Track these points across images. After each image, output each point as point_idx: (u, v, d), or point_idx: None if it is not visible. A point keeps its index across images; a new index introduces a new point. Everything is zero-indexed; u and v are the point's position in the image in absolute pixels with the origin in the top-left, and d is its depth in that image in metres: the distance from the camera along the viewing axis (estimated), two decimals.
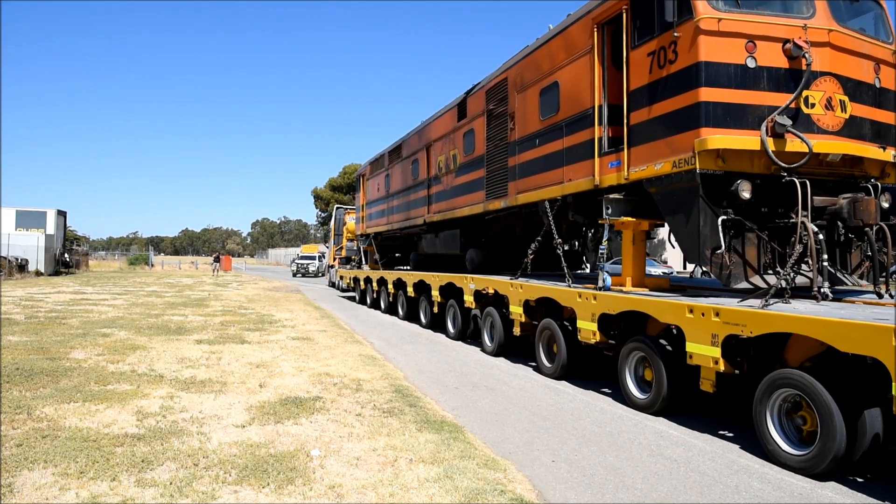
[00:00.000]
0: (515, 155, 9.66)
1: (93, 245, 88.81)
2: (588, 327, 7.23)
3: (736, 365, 5.40)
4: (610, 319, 7.04)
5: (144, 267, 54.38)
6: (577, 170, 7.97)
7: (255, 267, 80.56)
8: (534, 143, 9.06)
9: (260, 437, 5.17)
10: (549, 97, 8.67)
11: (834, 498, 4.27)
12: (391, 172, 17.04)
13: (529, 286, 8.79)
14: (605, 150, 7.47)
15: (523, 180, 9.43)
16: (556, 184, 8.48)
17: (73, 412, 5.77)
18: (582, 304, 7.38)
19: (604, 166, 7.45)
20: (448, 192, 12.74)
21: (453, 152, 12.43)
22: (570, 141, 8.13)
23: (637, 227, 7.46)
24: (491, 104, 10.58)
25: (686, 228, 6.27)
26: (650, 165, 6.63)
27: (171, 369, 7.96)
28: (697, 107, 6.03)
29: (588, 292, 7.30)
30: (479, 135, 11.13)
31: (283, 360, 8.91)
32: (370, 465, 4.60)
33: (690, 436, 5.67)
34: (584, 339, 7.37)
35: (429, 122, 14.16)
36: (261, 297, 22.45)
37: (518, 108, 9.58)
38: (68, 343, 9.79)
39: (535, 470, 4.73)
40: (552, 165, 8.58)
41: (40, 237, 34.36)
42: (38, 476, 4.18)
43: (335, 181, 68.50)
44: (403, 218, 15.87)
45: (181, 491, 3.98)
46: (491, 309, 10.13)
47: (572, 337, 7.74)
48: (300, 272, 46.63)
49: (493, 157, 10.50)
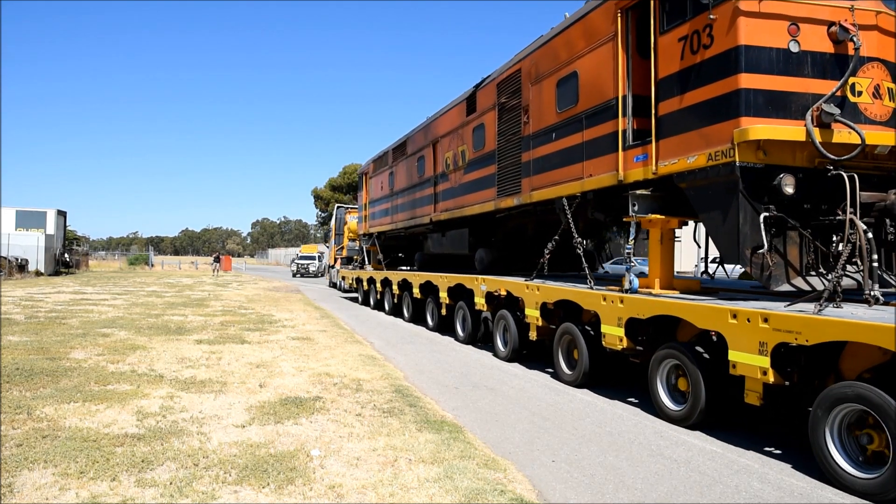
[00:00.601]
0: (530, 150, 9.22)
1: (93, 245, 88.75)
2: (614, 332, 6.78)
3: (786, 376, 4.92)
4: (638, 324, 6.61)
5: (144, 267, 54.38)
6: (599, 164, 7.52)
7: (255, 267, 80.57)
8: (550, 137, 8.62)
9: (260, 437, 5.17)
10: (566, 88, 8.21)
11: (834, 498, 4.27)
12: (395, 170, 16.61)
13: (547, 288, 8.32)
14: (630, 144, 7.02)
15: (538, 176, 8.99)
16: (574, 180, 8.03)
17: (73, 412, 5.76)
18: (607, 308, 6.91)
19: (628, 160, 7.01)
20: (456, 189, 12.33)
21: (462, 148, 11.99)
22: (591, 134, 7.69)
23: (665, 225, 7.00)
24: (503, 97, 10.14)
25: (723, 227, 5.85)
26: (682, 159, 6.19)
27: (171, 369, 7.96)
28: (737, 94, 5.59)
29: (614, 294, 6.86)
30: (489, 129, 10.69)
31: (283, 360, 8.91)
32: (370, 465, 4.60)
33: (690, 436, 5.67)
34: (610, 346, 6.91)
35: (435, 118, 13.70)
36: (261, 297, 22.44)
37: (533, 101, 9.14)
38: (68, 343, 9.79)
39: (535, 470, 4.73)
40: (570, 160, 8.13)
41: (40, 237, 34.37)
42: (38, 476, 4.18)
43: (335, 181, 68.48)
44: (408, 217, 15.43)
45: (181, 491, 3.98)
46: (504, 312, 9.67)
47: (595, 342, 7.29)
48: (300, 272, 46.39)
49: (505, 153, 10.06)
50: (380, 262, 18.71)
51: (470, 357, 9.98)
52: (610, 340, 6.88)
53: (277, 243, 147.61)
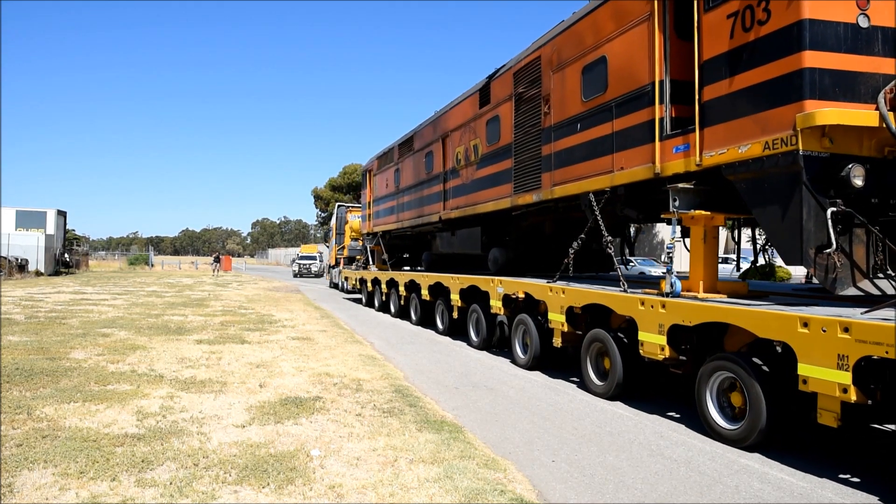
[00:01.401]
0: (551, 142, 8.61)
1: (93, 245, 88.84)
2: (654, 340, 6.18)
3: (869, 394, 4.36)
4: (682, 332, 6.03)
5: (144, 267, 54.38)
6: (632, 156, 6.96)
7: (255, 267, 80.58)
8: (574, 129, 8.03)
9: (260, 437, 5.17)
10: (593, 75, 7.63)
11: (834, 498, 4.26)
12: (401, 166, 15.98)
13: (574, 290, 7.67)
14: (669, 133, 6.46)
15: (561, 170, 8.38)
16: (603, 173, 7.46)
17: (73, 412, 5.76)
18: (646, 314, 6.32)
19: (666, 151, 6.47)
20: (468, 186, 11.71)
21: (474, 142, 11.37)
22: (622, 124, 7.11)
23: (709, 222, 6.39)
24: (520, 87, 9.56)
25: (782, 223, 5.27)
26: (731, 148, 5.64)
27: (171, 369, 7.96)
28: (800, 75, 5.02)
29: (654, 299, 6.27)
30: (505, 122, 10.10)
31: (283, 360, 8.91)
32: (370, 465, 4.60)
33: (690, 436, 5.67)
34: (649, 355, 6.30)
35: (445, 111, 13.04)
36: (261, 297, 22.44)
37: (554, 90, 8.54)
38: (68, 343, 9.79)
39: (535, 470, 4.73)
40: (598, 152, 7.54)
41: (40, 237, 34.38)
42: (38, 476, 4.18)
43: (335, 181, 68.49)
44: (415, 215, 14.83)
45: (181, 491, 3.98)
46: (524, 316, 9.00)
47: (631, 351, 6.71)
48: (302, 273, 45.87)
49: (523, 146, 9.47)
50: (385, 262, 18.19)
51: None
52: (649, 349, 6.28)
53: (277, 243, 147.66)
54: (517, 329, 9.25)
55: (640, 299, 6.47)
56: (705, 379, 5.65)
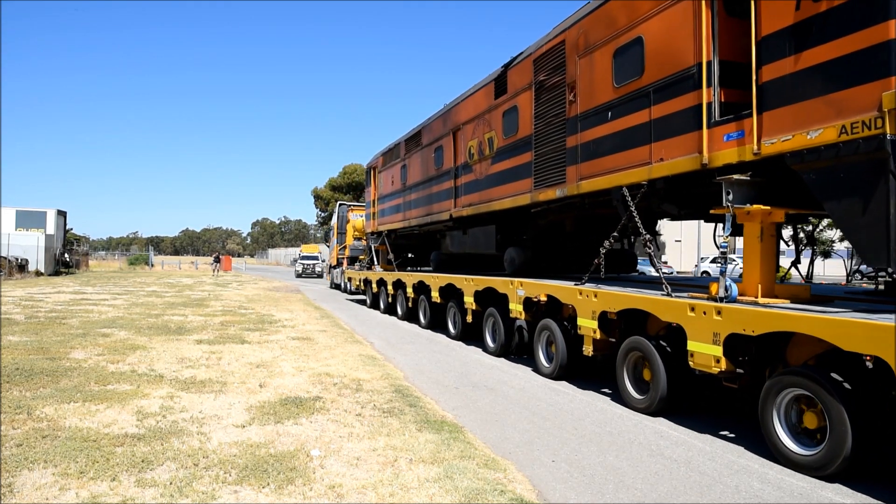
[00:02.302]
0: (577, 133, 7.96)
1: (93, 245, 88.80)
2: (708, 351, 5.51)
3: None
4: (741, 342, 5.40)
5: (144, 267, 54.39)
6: (673, 146, 6.36)
7: (255, 267, 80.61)
8: (605, 117, 7.42)
9: (260, 437, 5.17)
10: (627, 58, 7.02)
11: (834, 498, 4.27)
12: (409, 162, 15.28)
13: (609, 294, 7.02)
14: (718, 119, 5.87)
15: (589, 163, 7.74)
16: (639, 165, 6.83)
17: (73, 412, 5.76)
18: (697, 321, 5.66)
19: (715, 139, 5.86)
20: (482, 181, 11.05)
21: (489, 135, 10.70)
22: (662, 110, 6.51)
23: (767, 217, 5.78)
24: (541, 74, 8.89)
25: (863, 218, 4.71)
26: (798, 134, 5.05)
27: (171, 369, 7.96)
28: (886, 47, 4.41)
29: (706, 304, 5.61)
30: (524, 112, 9.42)
31: (283, 360, 8.91)
32: (370, 465, 4.60)
33: (690, 436, 5.67)
34: (701, 367, 5.62)
35: (456, 103, 12.34)
36: (261, 297, 22.44)
37: (581, 76, 7.90)
38: (68, 343, 9.79)
39: (535, 470, 4.73)
40: (633, 143, 6.93)
41: (40, 237, 34.39)
42: (38, 476, 4.18)
43: (335, 181, 68.50)
44: (424, 213, 14.13)
45: (181, 491, 3.98)
46: (549, 322, 8.31)
47: (676, 362, 6.15)
48: (306, 273, 45.14)
49: (545, 138, 8.82)
50: (390, 263, 17.53)
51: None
52: (702, 361, 5.60)
53: (277, 243, 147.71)
54: (540, 335, 8.60)
55: (690, 304, 5.80)
56: (772, 396, 4.98)
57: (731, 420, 6.16)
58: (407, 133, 15.63)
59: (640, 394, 6.61)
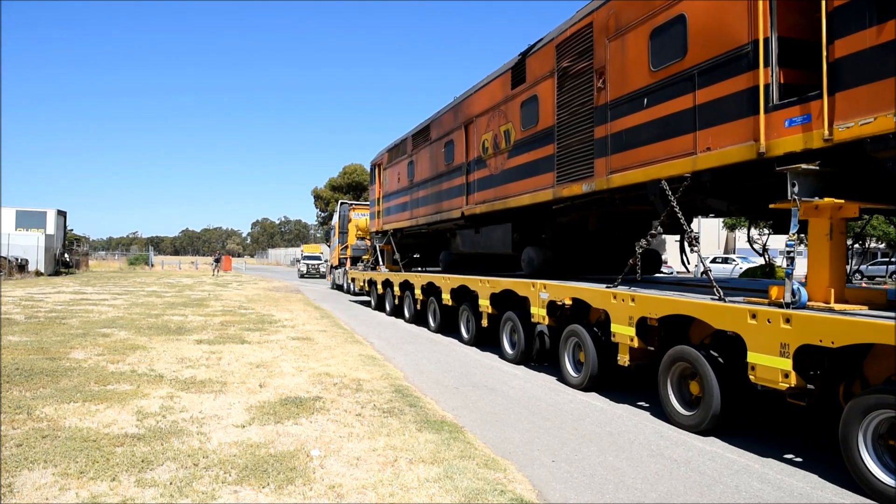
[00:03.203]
0: (607, 122, 7.40)
1: (93, 245, 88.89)
2: (774, 364, 4.84)
3: None
4: (813, 354, 4.77)
5: (144, 267, 54.39)
6: (723, 134, 5.77)
7: (255, 267, 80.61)
8: (639, 104, 6.84)
9: (260, 437, 5.17)
10: (667, 38, 6.46)
11: (834, 498, 4.26)
12: (416, 158, 14.65)
13: (648, 298, 6.36)
14: (777, 103, 5.27)
15: (621, 155, 7.15)
16: (681, 156, 6.24)
17: (73, 412, 5.77)
18: (760, 330, 4.98)
19: (775, 125, 5.27)
20: (497, 177, 10.45)
21: (505, 127, 10.13)
22: (709, 94, 5.93)
23: (837, 213, 5.13)
24: (565, 61, 8.31)
25: None
26: (882, 116, 4.47)
27: (171, 369, 7.96)
28: None
29: (771, 311, 4.94)
30: (545, 102, 8.85)
31: (283, 360, 8.91)
32: (370, 465, 4.60)
33: (690, 436, 5.67)
34: (765, 383, 4.92)
35: (468, 95, 11.72)
36: (261, 297, 22.44)
37: (612, 60, 7.34)
38: (68, 343, 9.79)
39: (535, 470, 4.73)
40: (674, 131, 6.34)
41: (40, 237, 34.40)
42: (38, 476, 4.18)
43: (335, 181, 68.59)
44: (433, 211, 13.53)
45: (181, 491, 3.98)
46: (577, 328, 7.67)
47: (732, 375, 5.49)
48: (310, 273, 44.20)
49: (569, 129, 8.24)
50: (396, 263, 16.94)
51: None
52: (765, 375, 4.91)
53: (277, 243, 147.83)
54: (567, 343, 7.92)
55: (750, 311, 5.14)
56: (857, 418, 4.29)
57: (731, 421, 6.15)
58: (414, 128, 15.08)
59: (688, 409, 5.93)
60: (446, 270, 14.21)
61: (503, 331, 9.79)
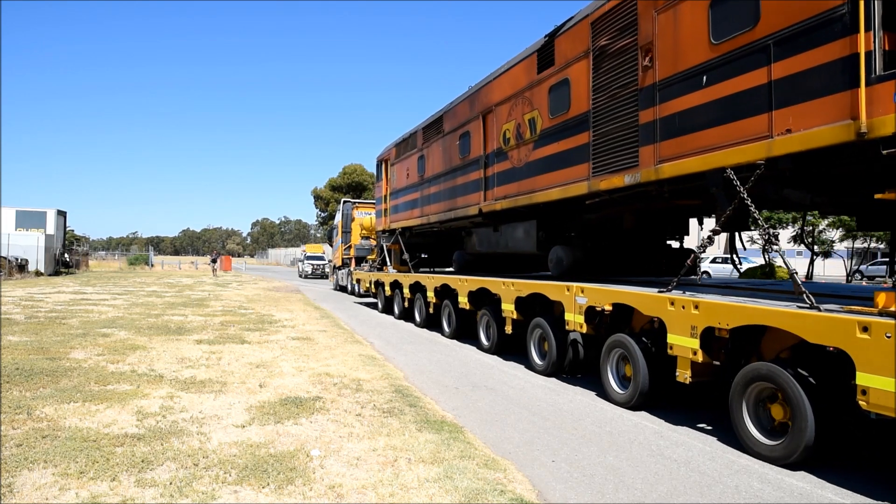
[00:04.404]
0: (655, 105, 6.63)
1: (93, 245, 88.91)
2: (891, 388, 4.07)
3: None
4: None
5: (144, 267, 54.39)
6: (808, 112, 5.00)
7: (255, 267, 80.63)
8: (697, 83, 6.08)
9: (260, 437, 5.17)
10: (732, 6, 5.70)
11: (834, 498, 4.27)
12: (427, 153, 13.86)
13: (717, 306, 5.43)
14: (882, 74, 4.51)
15: (674, 141, 6.39)
16: (752, 140, 5.43)
17: (73, 412, 5.77)
18: (874, 346, 4.18)
19: (880, 100, 4.50)
20: (520, 170, 9.67)
21: (529, 116, 9.33)
22: (789, 67, 5.15)
23: None
24: (603, 38, 7.52)
25: None
26: None
27: (171, 369, 7.96)
28: None
29: (888, 323, 4.15)
30: (578, 86, 8.07)
31: (283, 360, 8.91)
32: (370, 465, 4.60)
33: (690, 436, 5.67)
34: (879, 410, 4.15)
35: (486, 83, 10.88)
36: (261, 297, 22.45)
37: (661, 35, 6.61)
38: (68, 343, 9.79)
39: (535, 470, 4.74)
40: (742, 112, 5.55)
41: (40, 237, 34.39)
42: (38, 476, 4.18)
43: (335, 181, 68.60)
44: (446, 208, 12.75)
45: (181, 491, 3.99)
46: (624, 338, 6.76)
47: (825, 399, 4.72)
48: (314, 274, 43.04)
49: (608, 114, 7.46)
50: (405, 263, 16.18)
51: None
52: (879, 401, 4.17)
53: (277, 243, 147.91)
54: (610, 355, 7.03)
55: (862, 323, 4.28)
56: None
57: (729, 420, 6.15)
58: (425, 120, 14.20)
59: (770, 438, 5.10)
60: (461, 271, 13.50)
61: (531, 339, 8.88)
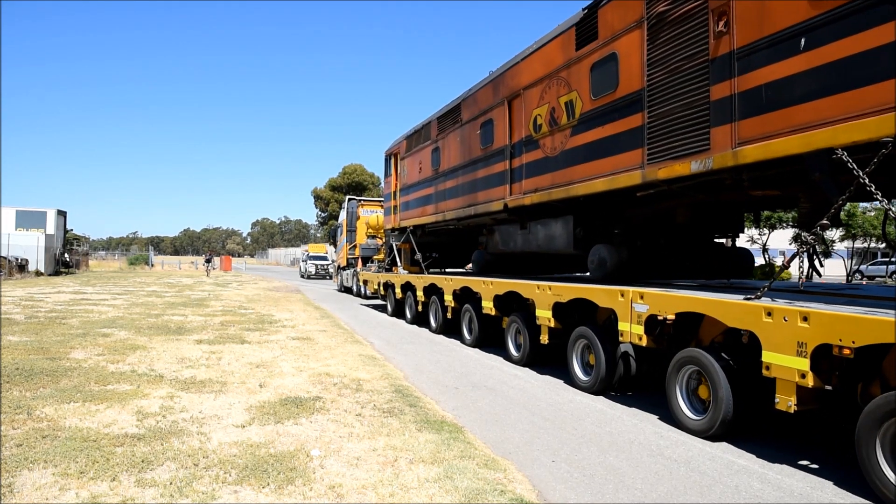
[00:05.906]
0: (732, 77, 5.60)
1: (93, 245, 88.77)
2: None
3: None
4: None
5: (144, 267, 54.41)
6: None
7: (255, 267, 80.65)
8: (791, 48, 5.04)
9: (260, 437, 5.17)
10: None
11: (834, 498, 4.27)
12: (443, 144, 12.71)
13: (836, 318, 4.35)
14: None
15: (759, 119, 5.35)
16: (872, 112, 4.43)
17: (73, 412, 5.77)
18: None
19: None
20: (555, 159, 8.54)
21: (566, 98, 8.24)
22: None
23: None
24: (661, 4, 6.46)
25: None
26: None
27: (171, 369, 7.97)
28: None
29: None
30: (628, 60, 7.01)
31: (283, 360, 8.91)
32: (370, 465, 4.60)
33: (690, 436, 5.66)
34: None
35: (513, 65, 9.78)
36: (261, 297, 22.45)
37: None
38: (68, 343, 9.79)
39: (535, 470, 4.74)
40: (855, 80, 4.56)
41: (40, 237, 34.41)
42: (38, 476, 4.18)
43: (335, 181, 68.67)
44: (465, 203, 11.63)
45: (181, 491, 3.99)
46: (699, 354, 5.62)
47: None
48: (318, 274, 42.12)
49: (667, 91, 6.40)
50: (417, 263, 15.20)
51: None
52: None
53: (277, 243, 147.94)
54: (680, 373, 5.91)
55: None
56: None
57: None
58: (440, 109, 13.01)
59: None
60: (481, 273, 12.53)
61: (573, 351, 7.79)
